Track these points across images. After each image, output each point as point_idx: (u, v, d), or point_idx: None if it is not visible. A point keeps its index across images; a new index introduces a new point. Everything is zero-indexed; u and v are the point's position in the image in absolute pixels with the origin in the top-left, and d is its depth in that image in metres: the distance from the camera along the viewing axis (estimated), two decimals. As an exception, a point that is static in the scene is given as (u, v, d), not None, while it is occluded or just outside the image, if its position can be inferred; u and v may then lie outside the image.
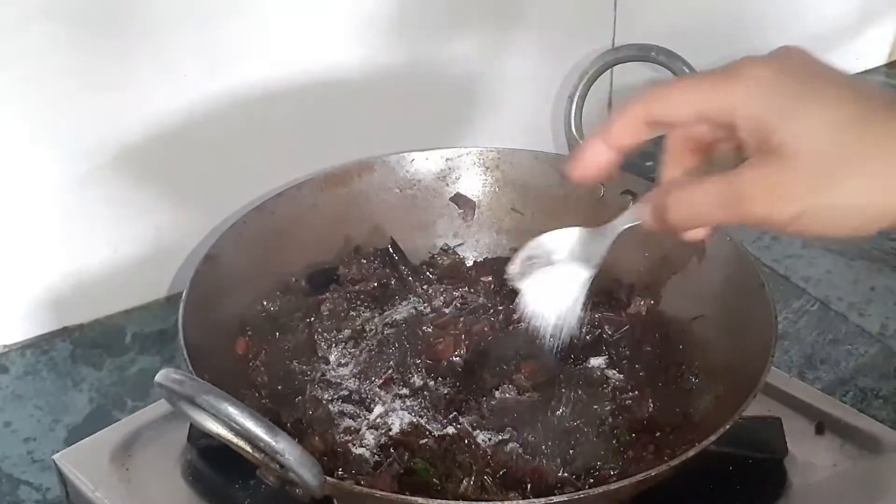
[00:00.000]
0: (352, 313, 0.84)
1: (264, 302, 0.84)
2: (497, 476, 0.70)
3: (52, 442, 0.87)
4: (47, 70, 0.83)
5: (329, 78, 0.98)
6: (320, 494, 0.60)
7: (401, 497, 0.62)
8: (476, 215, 0.95)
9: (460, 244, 0.95)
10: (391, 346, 0.80)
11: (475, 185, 0.95)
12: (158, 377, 0.58)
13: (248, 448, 0.58)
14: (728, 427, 0.64)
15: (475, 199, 0.95)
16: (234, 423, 0.56)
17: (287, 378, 0.79)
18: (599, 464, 0.71)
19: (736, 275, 0.80)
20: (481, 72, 1.08)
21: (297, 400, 0.77)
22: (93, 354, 0.94)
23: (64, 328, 0.94)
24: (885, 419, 0.87)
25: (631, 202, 0.88)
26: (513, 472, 0.70)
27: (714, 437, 0.63)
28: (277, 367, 0.80)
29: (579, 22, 1.12)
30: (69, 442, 0.86)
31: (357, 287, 0.87)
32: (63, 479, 0.77)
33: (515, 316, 0.84)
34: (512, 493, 0.68)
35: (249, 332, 0.82)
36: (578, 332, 0.81)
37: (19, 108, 0.84)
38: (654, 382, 0.79)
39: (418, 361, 0.79)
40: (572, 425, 0.74)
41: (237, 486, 0.74)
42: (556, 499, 0.61)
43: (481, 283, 0.89)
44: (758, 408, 0.74)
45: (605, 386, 0.78)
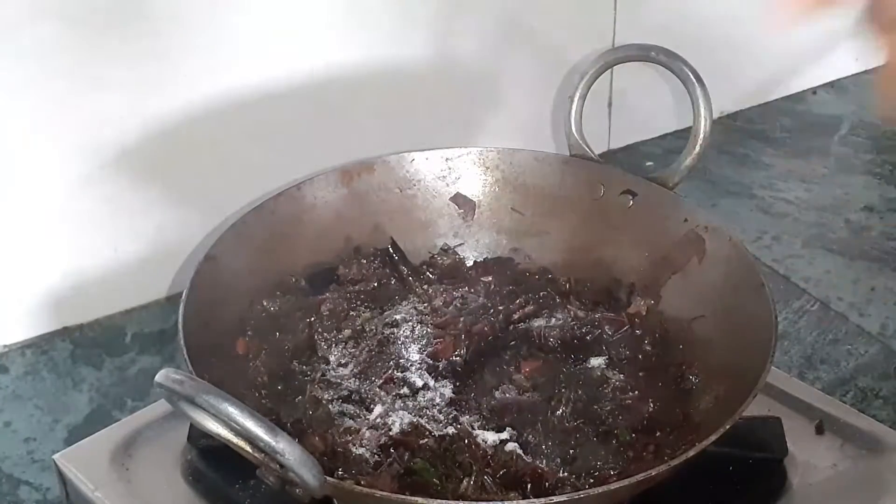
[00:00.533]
0: (352, 313, 0.84)
1: (264, 302, 0.84)
2: (497, 476, 0.69)
3: (52, 442, 0.87)
4: (47, 70, 0.84)
5: (329, 78, 0.98)
6: (320, 494, 0.60)
7: (401, 497, 0.62)
8: (476, 215, 0.95)
9: (460, 244, 0.95)
10: (391, 346, 0.80)
11: (475, 185, 0.95)
12: (158, 377, 0.58)
13: (248, 448, 0.58)
14: (728, 427, 0.64)
15: (475, 199, 0.95)
16: (234, 423, 0.56)
17: (287, 378, 0.79)
18: (599, 464, 0.71)
19: (736, 275, 0.80)
20: (481, 72, 1.08)
21: (297, 400, 0.77)
22: (93, 354, 0.93)
23: (64, 328, 0.94)
24: (885, 419, 0.87)
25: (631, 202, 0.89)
26: (513, 472, 0.70)
27: (714, 437, 0.63)
28: (277, 367, 0.80)
29: (579, 22, 1.12)
30: (69, 442, 0.86)
31: (357, 287, 0.87)
32: (63, 479, 0.77)
33: (515, 316, 0.85)
34: (512, 493, 0.68)
35: (249, 332, 0.81)
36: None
37: (19, 108, 0.84)
38: (654, 382, 0.79)
39: (418, 361, 0.79)
40: (572, 425, 0.74)
41: (237, 486, 0.74)
42: (556, 499, 0.61)
43: (481, 283, 0.89)
44: (758, 408, 0.74)
45: (605, 386, 0.78)
